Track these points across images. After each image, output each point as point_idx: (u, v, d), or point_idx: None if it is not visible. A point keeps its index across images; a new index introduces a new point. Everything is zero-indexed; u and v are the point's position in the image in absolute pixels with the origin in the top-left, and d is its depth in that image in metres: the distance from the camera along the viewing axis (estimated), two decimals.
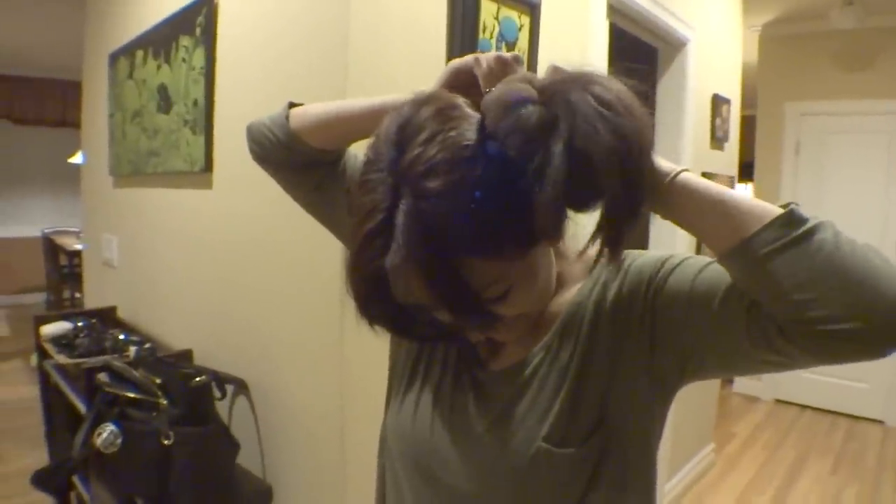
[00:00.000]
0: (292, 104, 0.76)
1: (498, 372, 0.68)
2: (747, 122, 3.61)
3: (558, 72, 0.55)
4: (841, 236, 0.49)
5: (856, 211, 3.91)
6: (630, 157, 0.50)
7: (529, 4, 1.63)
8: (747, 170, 4.17)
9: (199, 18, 1.82)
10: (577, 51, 1.89)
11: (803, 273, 0.48)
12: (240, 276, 1.74)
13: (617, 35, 2.19)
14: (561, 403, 0.62)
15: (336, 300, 1.36)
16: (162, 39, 2.07)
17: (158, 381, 1.47)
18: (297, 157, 0.75)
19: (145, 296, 2.38)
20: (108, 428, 1.36)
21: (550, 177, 0.49)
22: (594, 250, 0.54)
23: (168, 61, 2.03)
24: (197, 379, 1.50)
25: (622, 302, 0.63)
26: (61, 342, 2.06)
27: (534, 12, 1.65)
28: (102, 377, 1.53)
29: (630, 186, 0.50)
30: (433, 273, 0.52)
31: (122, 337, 2.06)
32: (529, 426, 0.63)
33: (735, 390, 4.45)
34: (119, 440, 1.36)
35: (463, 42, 1.45)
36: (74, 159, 5.48)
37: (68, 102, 5.91)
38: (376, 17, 1.33)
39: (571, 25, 1.87)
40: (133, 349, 1.84)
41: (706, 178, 0.56)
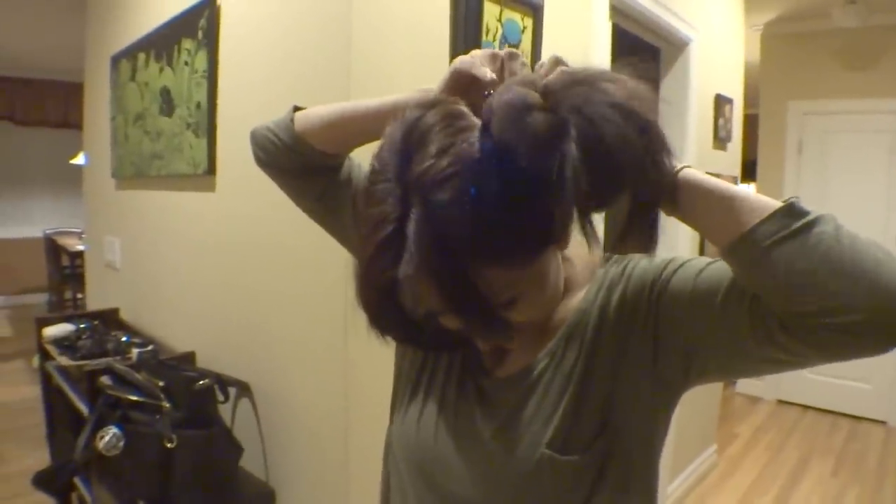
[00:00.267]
0: (297, 108, 0.77)
1: (503, 379, 0.68)
2: (750, 121, 3.60)
3: (561, 67, 0.55)
4: (842, 230, 0.49)
5: (858, 210, 3.90)
6: (649, 146, 0.50)
7: (532, 6, 1.63)
8: (750, 169, 4.16)
9: (202, 21, 1.82)
10: (579, 52, 1.89)
11: (803, 265, 0.48)
12: (243, 278, 1.74)
13: (620, 36, 2.19)
14: (565, 407, 0.62)
15: (340, 302, 1.36)
16: (164, 42, 2.07)
17: (161, 383, 1.47)
18: (301, 160, 0.75)
19: (148, 298, 2.38)
20: (111, 431, 1.36)
21: (567, 181, 0.49)
22: (598, 254, 0.54)
23: (170, 64, 2.03)
24: (200, 382, 1.50)
25: (626, 305, 0.63)
26: (63, 344, 2.06)
27: (536, 14, 1.65)
28: (105, 380, 1.53)
29: (653, 171, 0.51)
30: (446, 282, 0.52)
31: (124, 339, 2.06)
32: (534, 431, 0.63)
33: (737, 391, 4.45)
34: (121, 443, 1.36)
35: (466, 44, 1.45)
36: (76, 160, 5.49)
37: (70, 104, 5.93)
38: (379, 19, 1.33)
39: (574, 27, 1.87)
40: (135, 351, 1.84)
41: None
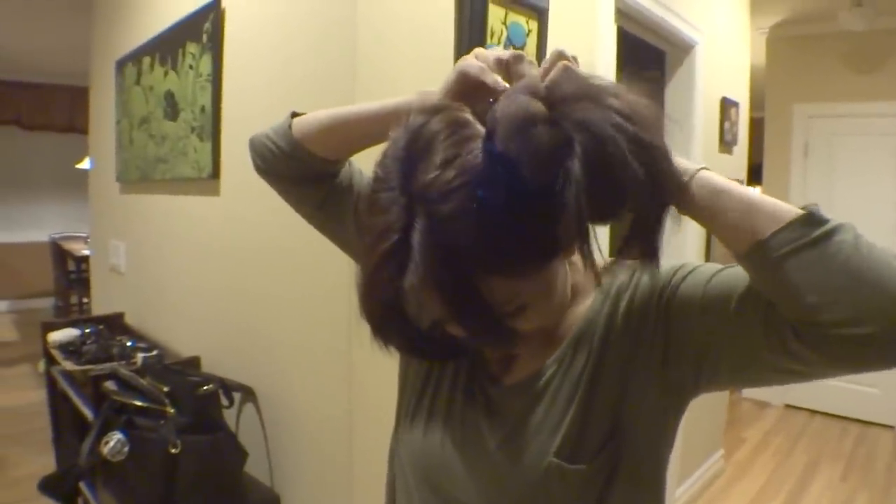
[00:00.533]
0: (295, 114, 0.76)
1: (510, 386, 0.67)
2: (756, 124, 3.59)
3: (563, 62, 0.54)
4: (861, 239, 0.49)
5: (865, 213, 3.86)
6: (652, 164, 0.49)
7: (537, 9, 1.63)
8: (756, 172, 4.14)
9: (206, 25, 1.82)
10: (585, 55, 1.88)
11: (821, 274, 0.48)
12: (247, 282, 1.74)
13: (625, 39, 2.18)
14: (573, 414, 0.62)
15: (344, 307, 1.35)
16: (169, 46, 2.08)
17: (166, 388, 1.47)
18: (300, 167, 0.74)
19: (153, 302, 2.38)
20: (116, 436, 1.35)
21: (571, 195, 0.48)
22: (605, 260, 0.53)
23: (175, 68, 2.04)
24: (204, 387, 1.49)
25: (635, 312, 0.63)
26: (69, 349, 2.06)
27: (542, 17, 1.64)
28: (110, 385, 1.53)
29: (655, 191, 0.50)
30: (452, 292, 0.51)
31: (129, 344, 2.06)
32: (542, 439, 0.62)
33: (745, 395, 4.42)
34: (126, 448, 1.35)
35: (471, 47, 1.44)
36: (82, 165, 5.51)
37: (75, 108, 5.95)
38: (384, 23, 1.32)
39: (579, 30, 1.86)
40: (140, 356, 1.84)
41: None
